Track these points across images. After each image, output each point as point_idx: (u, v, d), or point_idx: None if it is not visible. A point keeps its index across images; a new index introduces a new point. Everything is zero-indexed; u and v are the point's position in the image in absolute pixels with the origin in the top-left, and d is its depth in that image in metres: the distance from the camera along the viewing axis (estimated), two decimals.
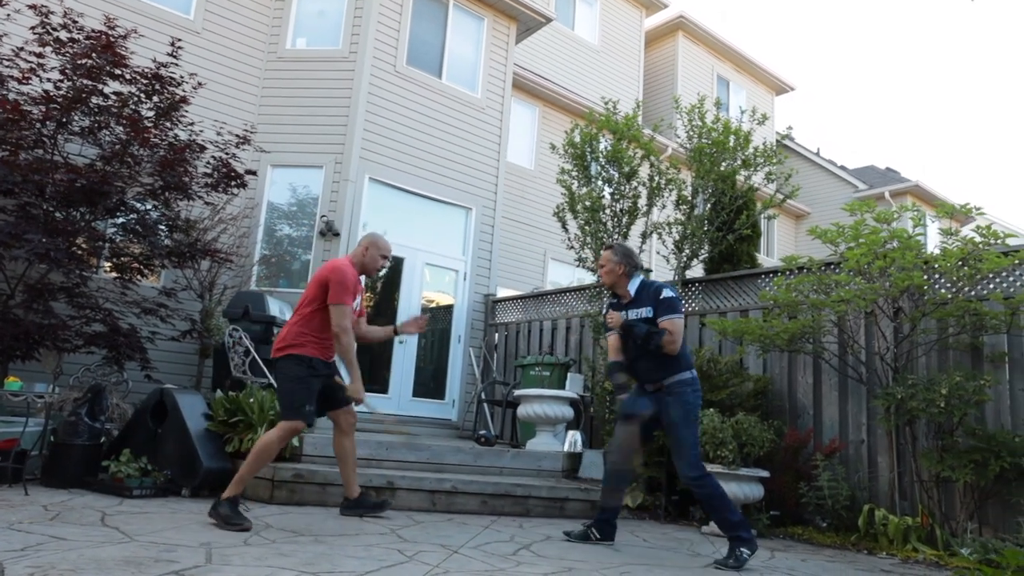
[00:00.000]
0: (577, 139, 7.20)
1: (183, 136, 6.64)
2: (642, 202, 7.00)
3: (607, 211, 7.04)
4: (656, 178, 6.94)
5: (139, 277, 6.55)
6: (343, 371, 4.30)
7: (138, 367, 6.34)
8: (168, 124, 6.56)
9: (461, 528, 4.47)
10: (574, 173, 7.26)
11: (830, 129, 67.40)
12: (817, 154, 19.04)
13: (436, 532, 4.24)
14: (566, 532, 4.35)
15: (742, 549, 3.74)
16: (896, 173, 18.81)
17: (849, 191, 17.62)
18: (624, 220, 6.97)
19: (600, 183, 7.13)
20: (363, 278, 4.47)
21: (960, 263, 4.88)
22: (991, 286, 5.18)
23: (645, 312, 4.00)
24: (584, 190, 7.16)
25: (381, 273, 5.91)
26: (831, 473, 5.30)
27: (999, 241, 4.99)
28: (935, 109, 76.24)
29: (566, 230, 7.33)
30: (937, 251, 5.21)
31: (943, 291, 5.19)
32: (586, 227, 7.07)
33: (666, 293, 4.00)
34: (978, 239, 5.00)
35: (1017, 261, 4.84)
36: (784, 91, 17.76)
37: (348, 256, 4.37)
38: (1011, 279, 5.12)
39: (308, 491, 4.83)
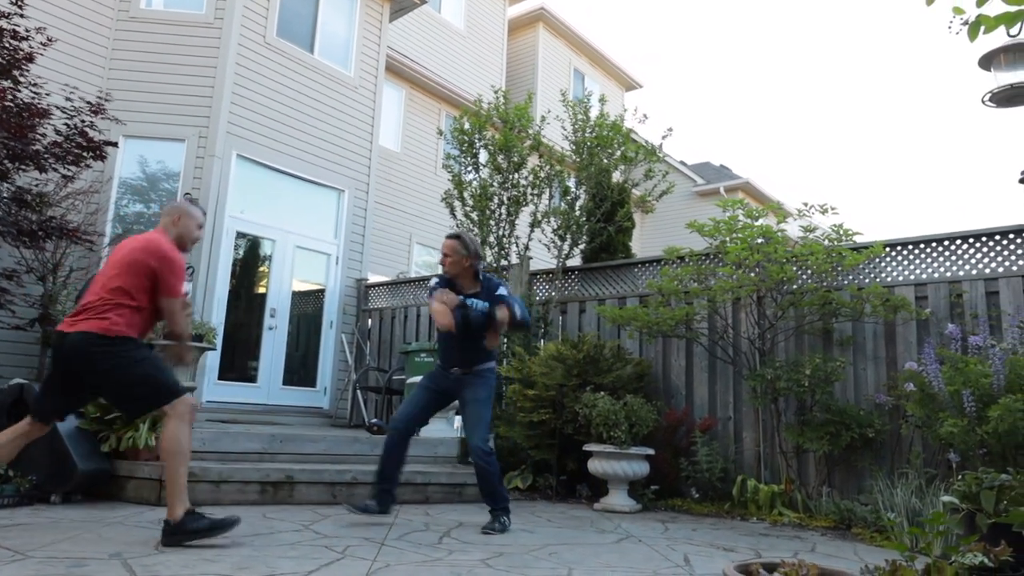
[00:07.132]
0: (467, 126, 7.21)
1: (26, 98, 5.88)
2: (531, 192, 7.15)
3: (495, 199, 7.14)
4: (546, 168, 7.12)
5: None
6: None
7: None
8: (9, 83, 5.78)
9: (371, 519, 4.39)
10: (462, 160, 7.27)
11: (667, 125, 71.85)
12: (660, 148, 20.26)
13: (349, 524, 4.15)
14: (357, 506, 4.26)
15: (504, 518, 4.24)
16: (729, 170, 20.47)
17: (689, 185, 18.95)
18: (512, 209, 7.10)
19: (489, 171, 7.19)
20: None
21: (823, 258, 5.46)
22: (839, 278, 5.86)
23: (482, 306, 4.22)
24: (472, 176, 7.20)
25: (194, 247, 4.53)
26: (708, 448, 5.78)
27: (850, 239, 5.66)
28: (760, 112, 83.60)
29: (454, 216, 7.33)
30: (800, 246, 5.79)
31: (808, 283, 5.79)
32: (473, 214, 7.12)
33: (501, 291, 4.29)
34: (833, 236, 5.64)
35: (866, 259, 5.50)
36: (633, 88, 18.70)
37: (159, 229, 3.56)
38: (856, 271, 5.82)
39: (200, 490, 4.51)
